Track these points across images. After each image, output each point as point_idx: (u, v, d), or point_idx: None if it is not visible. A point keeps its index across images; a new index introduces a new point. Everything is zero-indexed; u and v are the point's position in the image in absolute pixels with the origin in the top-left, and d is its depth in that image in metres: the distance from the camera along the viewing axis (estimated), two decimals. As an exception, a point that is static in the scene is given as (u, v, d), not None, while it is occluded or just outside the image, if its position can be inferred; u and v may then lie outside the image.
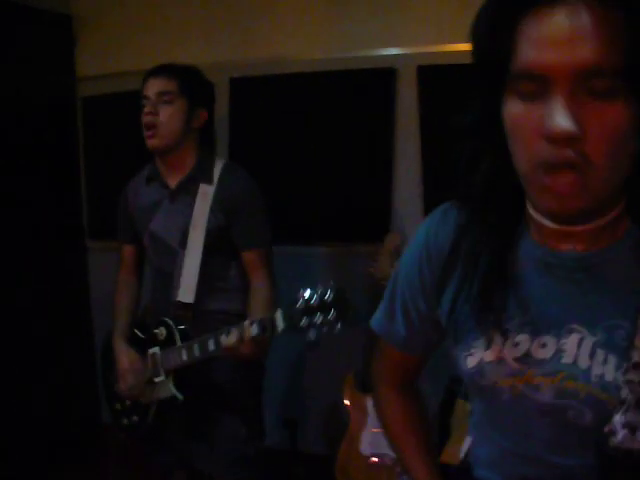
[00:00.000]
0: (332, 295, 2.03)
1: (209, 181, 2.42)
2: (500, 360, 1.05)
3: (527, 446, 1.08)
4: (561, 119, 0.83)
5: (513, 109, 0.90)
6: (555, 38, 0.83)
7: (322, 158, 3.55)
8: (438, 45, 3.28)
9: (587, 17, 0.82)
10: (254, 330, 2.11)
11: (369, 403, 2.97)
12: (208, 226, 2.38)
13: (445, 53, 3.22)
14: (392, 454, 1.49)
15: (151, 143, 2.39)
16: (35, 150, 3.73)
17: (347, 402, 3.09)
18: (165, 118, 2.36)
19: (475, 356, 1.08)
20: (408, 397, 1.39)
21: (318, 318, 2.02)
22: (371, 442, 2.97)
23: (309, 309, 2.03)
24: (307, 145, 3.58)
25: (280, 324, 2.08)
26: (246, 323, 2.14)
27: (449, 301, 1.12)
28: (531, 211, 1.02)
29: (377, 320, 1.31)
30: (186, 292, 2.41)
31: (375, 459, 2.94)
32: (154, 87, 2.39)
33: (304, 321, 2.03)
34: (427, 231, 1.18)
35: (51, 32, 3.96)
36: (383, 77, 3.40)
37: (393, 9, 3.44)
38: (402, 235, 3.11)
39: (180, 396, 2.38)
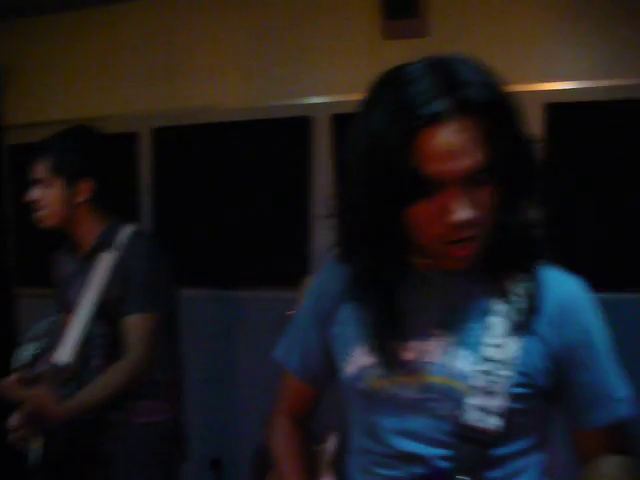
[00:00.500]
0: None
1: (110, 250, 2.35)
2: (374, 364, 1.24)
3: (400, 445, 1.24)
4: (462, 212, 1.10)
5: (417, 205, 1.12)
6: (445, 152, 1.08)
7: (243, 205, 3.66)
8: (351, 94, 3.42)
9: (465, 133, 1.08)
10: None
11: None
12: (104, 296, 2.30)
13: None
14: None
15: (40, 224, 2.41)
16: None
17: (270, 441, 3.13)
18: (43, 202, 2.35)
19: (354, 363, 1.28)
20: (298, 428, 1.53)
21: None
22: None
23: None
24: (229, 193, 3.69)
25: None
26: None
27: (339, 325, 1.34)
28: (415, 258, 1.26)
29: (279, 351, 1.51)
30: (63, 354, 2.29)
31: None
32: (32, 172, 2.38)
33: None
34: (320, 279, 1.44)
35: None
36: (299, 125, 3.53)
37: (307, 60, 3.61)
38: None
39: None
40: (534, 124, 3.21)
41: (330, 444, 2.53)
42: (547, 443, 1.31)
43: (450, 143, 1.08)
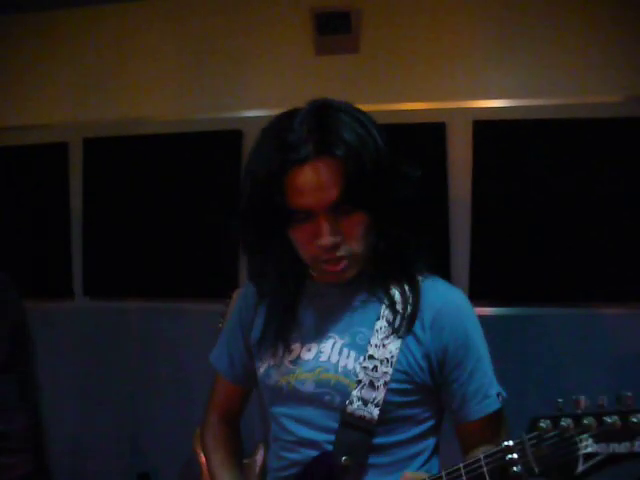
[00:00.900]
0: None
1: None
2: (280, 363, 1.50)
3: (300, 432, 1.46)
4: (326, 238, 1.35)
5: (294, 229, 1.39)
6: (309, 188, 1.32)
7: (175, 218, 3.66)
8: (284, 108, 3.45)
9: (325, 170, 1.32)
10: None
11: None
12: None
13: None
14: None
15: None
16: None
17: (199, 455, 3.12)
18: None
19: (265, 363, 1.53)
20: (229, 425, 1.75)
21: None
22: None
23: None
24: (158, 204, 3.67)
25: None
26: None
27: (255, 331, 1.59)
28: (311, 271, 1.51)
29: (212, 356, 1.73)
30: None
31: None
32: None
33: None
34: (242, 292, 1.70)
35: None
36: (231, 139, 3.54)
37: (241, 73, 3.64)
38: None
39: None
40: (463, 140, 3.33)
41: (259, 456, 2.53)
42: (437, 432, 1.51)
43: (311, 181, 1.32)
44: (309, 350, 1.47)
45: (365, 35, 3.50)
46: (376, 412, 1.37)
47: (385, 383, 1.38)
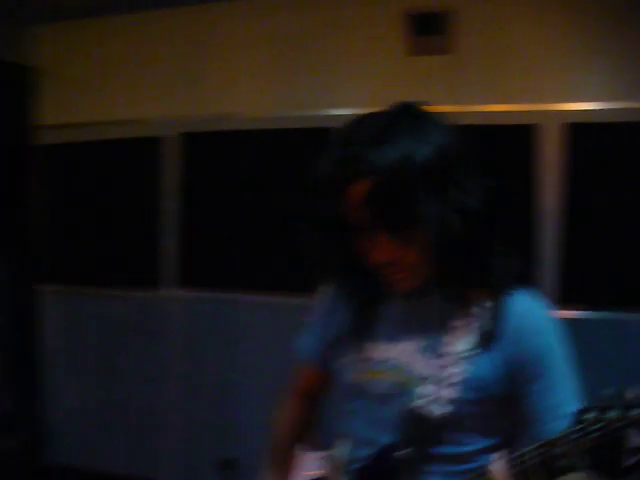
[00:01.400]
0: None
1: None
2: (356, 361, 1.52)
3: (368, 430, 1.49)
4: (377, 254, 1.37)
5: (357, 239, 1.40)
6: (356, 205, 1.33)
7: (264, 212, 3.77)
8: (374, 108, 3.49)
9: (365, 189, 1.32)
10: None
11: (301, 445, 3.10)
12: None
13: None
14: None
15: None
16: None
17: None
18: None
19: (342, 359, 1.56)
20: (304, 411, 1.82)
21: None
22: (302, 486, 3.09)
23: None
24: (251, 198, 3.79)
25: None
26: None
27: (334, 328, 1.60)
28: None
29: (297, 344, 1.79)
30: None
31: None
32: None
33: None
34: (324, 291, 1.70)
35: (7, 82, 4.10)
36: (318, 137, 3.59)
37: (331, 72, 3.71)
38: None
39: None
40: (554, 143, 3.30)
41: (337, 450, 2.55)
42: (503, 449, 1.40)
43: (356, 198, 1.32)
44: (386, 350, 1.49)
45: (458, 36, 3.50)
46: (446, 415, 1.38)
47: (457, 388, 1.38)
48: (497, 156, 2.91)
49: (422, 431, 1.40)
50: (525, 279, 1.46)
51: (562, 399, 1.37)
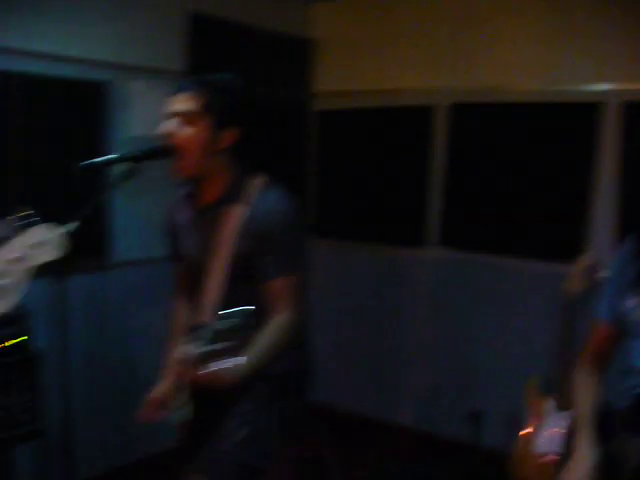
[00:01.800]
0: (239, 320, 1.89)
1: (240, 204, 2.21)
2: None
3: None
4: None
5: None
6: None
7: (528, 183, 3.94)
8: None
9: None
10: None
11: (548, 406, 3.26)
12: (235, 251, 2.20)
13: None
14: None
15: (175, 168, 2.19)
16: (270, 153, 4.29)
17: (528, 402, 3.38)
18: (185, 139, 2.14)
19: (634, 300, 2.01)
20: (598, 370, 2.23)
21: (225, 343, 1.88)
22: (545, 442, 3.25)
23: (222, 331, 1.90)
24: (512, 167, 3.96)
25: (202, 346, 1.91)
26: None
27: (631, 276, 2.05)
28: None
29: (598, 309, 2.20)
30: (207, 313, 2.24)
31: (550, 457, 3.22)
32: (177, 105, 2.16)
33: (213, 345, 1.89)
34: (621, 251, 2.12)
35: (292, 54, 4.64)
36: (589, 112, 3.70)
37: (603, 47, 3.71)
38: (594, 257, 3.38)
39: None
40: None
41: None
42: None
43: None
44: None
45: None
46: None
47: None
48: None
49: None
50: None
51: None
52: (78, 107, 3.41)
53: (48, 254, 1.41)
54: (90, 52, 3.44)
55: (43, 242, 1.41)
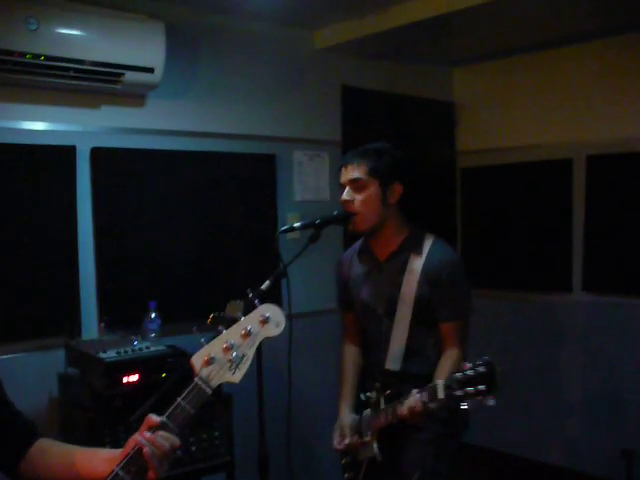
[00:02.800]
0: (484, 368, 2.03)
1: (418, 254, 2.50)
2: None
3: None
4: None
5: None
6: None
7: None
8: None
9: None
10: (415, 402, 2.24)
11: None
12: (415, 296, 2.47)
13: None
14: None
15: (354, 228, 2.51)
16: (419, 210, 4.59)
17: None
18: (360, 204, 2.45)
19: None
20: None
21: (471, 390, 2.03)
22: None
23: (465, 381, 2.05)
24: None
25: (440, 393, 2.13)
26: (414, 392, 2.26)
27: None
28: None
29: None
30: (394, 361, 2.52)
31: None
32: (346, 175, 2.49)
33: (459, 392, 2.05)
34: None
35: (437, 116, 5.01)
36: None
37: None
38: None
39: (379, 456, 2.44)
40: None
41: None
42: None
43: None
44: None
45: None
46: None
47: None
48: None
49: None
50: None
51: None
52: (252, 178, 3.89)
53: (273, 330, 1.54)
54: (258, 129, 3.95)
55: (268, 319, 1.54)
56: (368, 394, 2.52)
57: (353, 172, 2.46)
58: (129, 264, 3.41)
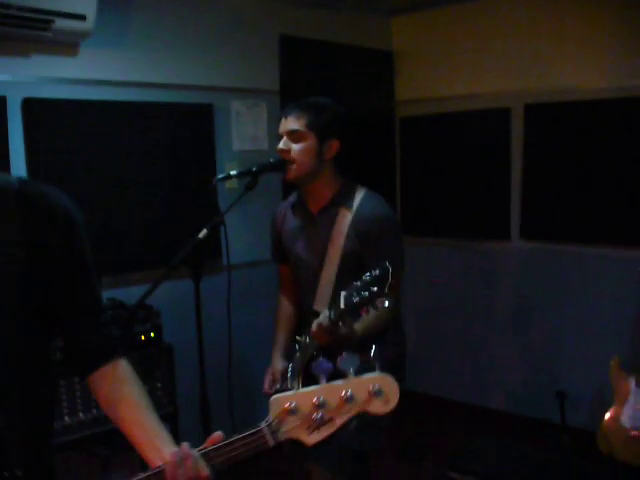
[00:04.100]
0: (379, 271, 2.08)
1: (348, 208, 2.54)
2: None
3: None
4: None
5: None
6: None
7: (598, 174, 4.15)
8: None
9: None
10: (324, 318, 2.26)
11: (632, 382, 3.46)
12: (343, 249, 2.52)
13: None
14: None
15: (287, 176, 2.54)
16: (358, 159, 4.48)
17: (613, 381, 3.58)
18: (296, 154, 2.49)
19: None
20: None
21: (366, 294, 2.07)
22: (632, 417, 3.45)
23: (362, 286, 2.10)
24: (589, 162, 4.16)
25: (341, 303, 2.15)
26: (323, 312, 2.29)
27: None
28: None
29: None
30: (321, 303, 2.55)
31: (635, 432, 3.42)
32: (285, 126, 2.52)
33: (357, 298, 2.09)
34: None
35: (376, 65, 4.99)
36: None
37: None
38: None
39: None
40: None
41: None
42: None
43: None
44: None
45: None
46: None
47: None
48: None
49: None
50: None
51: None
52: (189, 128, 3.83)
53: (378, 408, 1.28)
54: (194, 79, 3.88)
55: (379, 393, 1.27)
56: (297, 337, 2.56)
57: (292, 124, 2.49)
58: (65, 217, 3.34)
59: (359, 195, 2.56)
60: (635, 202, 3.99)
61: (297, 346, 2.53)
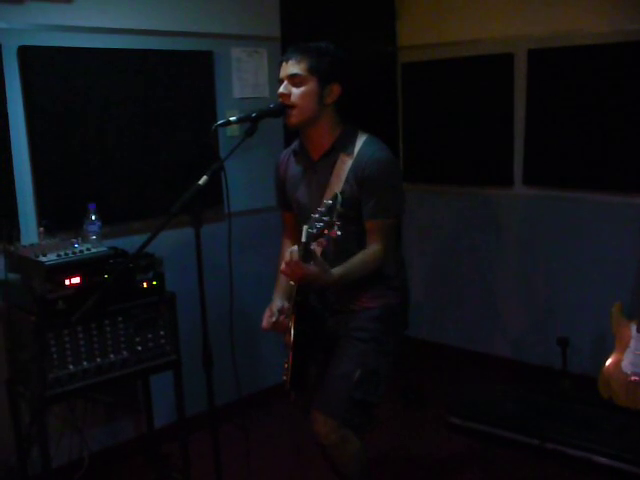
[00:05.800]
0: (330, 200, 2.15)
1: (349, 153, 2.52)
2: None
3: None
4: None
5: None
6: None
7: (601, 118, 4.08)
8: None
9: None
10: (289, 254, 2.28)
11: (633, 328, 3.49)
12: (342, 195, 2.39)
13: None
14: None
15: (288, 121, 2.51)
16: (360, 106, 4.36)
17: (614, 327, 3.61)
18: (297, 98, 2.46)
19: None
20: None
21: (320, 224, 2.15)
22: (632, 362, 3.48)
23: (318, 218, 2.17)
24: (593, 106, 4.10)
25: (303, 237, 2.21)
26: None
27: None
28: None
29: None
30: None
31: (635, 377, 3.46)
32: (286, 70, 2.49)
33: (314, 230, 2.17)
34: None
35: (377, 10, 4.91)
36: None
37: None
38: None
39: (292, 338, 2.51)
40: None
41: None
42: None
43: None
44: None
45: None
46: None
47: None
48: None
49: None
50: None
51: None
52: (189, 76, 3.77)
53: None
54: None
55: None
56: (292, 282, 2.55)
57: (293, 67, 2.46)
58: (66, 166, 3.32)
59: (360, 141, 2.55)
60: (638, 148, 3.95)
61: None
